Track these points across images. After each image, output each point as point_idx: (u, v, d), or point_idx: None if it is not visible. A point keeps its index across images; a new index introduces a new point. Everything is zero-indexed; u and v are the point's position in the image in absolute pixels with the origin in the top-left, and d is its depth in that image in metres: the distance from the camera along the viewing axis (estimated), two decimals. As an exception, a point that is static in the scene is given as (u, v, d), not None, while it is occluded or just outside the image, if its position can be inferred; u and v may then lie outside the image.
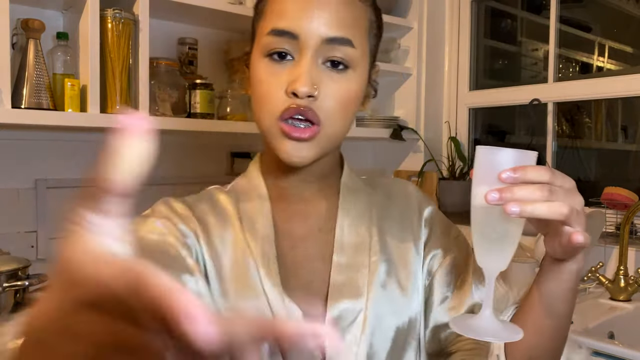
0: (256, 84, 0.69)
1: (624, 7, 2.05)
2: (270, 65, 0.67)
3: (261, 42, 0.68)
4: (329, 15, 0.65)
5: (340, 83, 0.67)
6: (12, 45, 1.40)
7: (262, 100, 0.68)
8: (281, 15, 0.66)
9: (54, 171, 1.67)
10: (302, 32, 0.65)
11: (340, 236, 0.75)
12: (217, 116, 1.76)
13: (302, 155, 0.68)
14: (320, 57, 0.66)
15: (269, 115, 0.68)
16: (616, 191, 1.75)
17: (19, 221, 1.61)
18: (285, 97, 0.66)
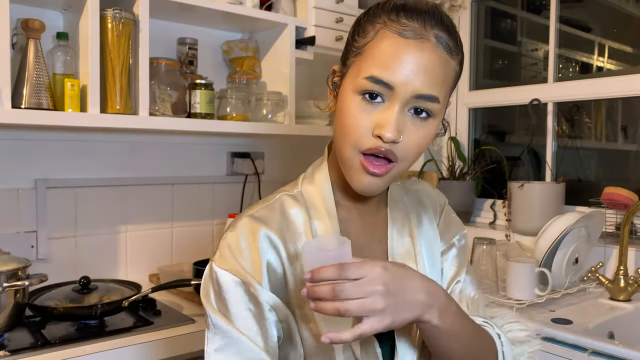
0: (345, 116, 0.75)
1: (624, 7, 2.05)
2: (362, 104, 0.73)
3: (357, 82, 0.74)
4: (424, 76, 0.71)
5: (422, 130, 0.74)
6: (12, 45, 1.40)
7: (349, 133, 0.74)
8: (383, 66, 0.72)
9: (54, 171, 1.67)
10: (398, 86, 0.71)
11: (391, 246, 0.84)
12: (217, 116, 1.76)
13: (372, 189, 0.77)
14: (407, 107, 0.73)
15: (352, 148, 0.74)
16: (616, 191, 1.75)
17: (19, 221, 1.61)
18: (370, 136, 0.73)
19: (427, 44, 0.72)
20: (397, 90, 0.71)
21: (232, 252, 0.76)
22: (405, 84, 0.71)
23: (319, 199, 0.83)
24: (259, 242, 0.77)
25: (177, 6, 1.62)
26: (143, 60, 1.51)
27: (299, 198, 0.83)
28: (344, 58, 0.79)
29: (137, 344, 1.31)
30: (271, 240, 0.77)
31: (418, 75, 0.71)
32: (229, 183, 2.06)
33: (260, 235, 0.77)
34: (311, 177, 0.86)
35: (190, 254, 1.94)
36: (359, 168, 0.75)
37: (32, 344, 1.26)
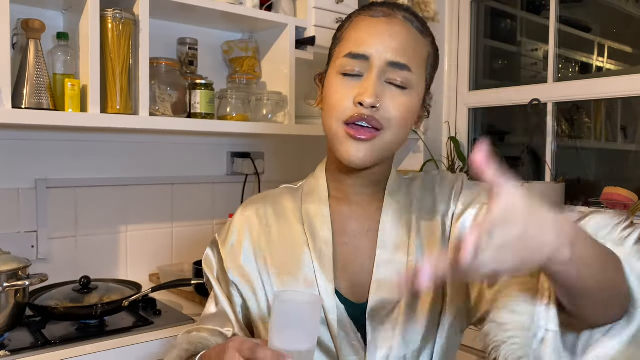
0: (329, 95, 0.82)
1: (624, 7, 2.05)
2: (343, 80, 0.80)
3: (337, 63, 0.82)
4: (395, 45, 0.79)
5: (400, 97, 0.80)
6: (12, 46, 1.40)
7: (333, 108, 0.81)
8: (358, 42, 0.80)
9: (54, 171, 1.68)
10: (372, 55, 0.79)
11: (382, 235, 0.86)
12: (217, 116, 1.76)
13: (360, 156, 0.79)
14: (383, 77, 0.79)
15: (336, 120, 0.80)
16: (616, 191, 1.75)
17: (19, 221, 1.62)
18: (352, 106, 0.79)
19: (396, 20, 0.81)
20: (371, 60, 0.79)
21: (226, 227, 0.95)
22: (378, 52, 0.78)
23: (315, 187, 0.92)
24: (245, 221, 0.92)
25: (177, 6, 1.62)
26: (143, 61, 1.51)
27: (296, 191, 0.95)
28: (328, 58, 0.88)
29: (137, 343, 1.31)
30: (255, 219, 0.92)
31: (390, 43, 0.79)
32: (229, 183, 2.06)
33: (248, 213, 0.93)
34: (313, 172, 0.96)
35: (190, 254, 1.94)
36: (344, 137, 0.79)
37: (33, 343, 1.26)
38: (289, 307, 0.68)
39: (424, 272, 0.52)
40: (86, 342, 1.27)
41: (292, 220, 0.90)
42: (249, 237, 0.91)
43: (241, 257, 0.90)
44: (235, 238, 0.91)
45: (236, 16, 1.74)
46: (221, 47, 1.95)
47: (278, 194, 0.95)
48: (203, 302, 1.56)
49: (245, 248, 0.90)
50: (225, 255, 0.91)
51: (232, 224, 0.94)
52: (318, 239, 0.86)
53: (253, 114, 1.81)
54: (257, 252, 0.89)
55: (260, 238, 0.90)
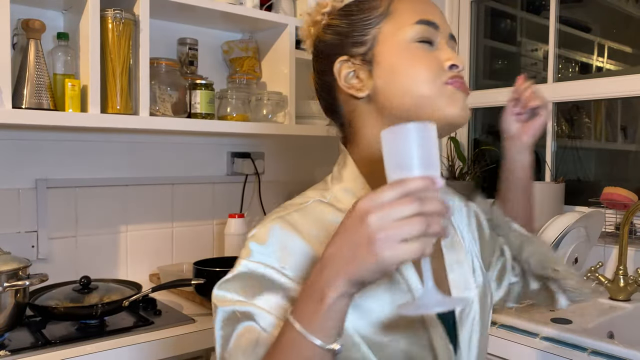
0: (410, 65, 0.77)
1: (624, 7, 2.05)
2: (423, 48, 0.78)
3: (408, 32, 0.77)
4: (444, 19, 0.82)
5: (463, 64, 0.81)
6: (12, 46, 1.40)
7: (425, 72, 0.76)
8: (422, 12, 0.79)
9: (54, 171, 1.68)
10: (440, 24, 0.79)
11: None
12: (217, 116, 1.76)
13: (467, 113, 0.80)
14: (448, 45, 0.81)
15: (434, 81, 0.76)
16: (616, 191, 1.75)
17: (19, 221, 1.62)
18: (443, 72, 0.77)
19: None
20: (440, 29, 0.79)
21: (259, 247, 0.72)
22: (443, 24, 0.80)
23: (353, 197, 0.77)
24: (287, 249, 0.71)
25: (177, 6, 1.62)
26: (143, 61, 1.51)
27: (333, 204, 0.77)
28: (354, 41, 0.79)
29: (137, 343, 1.31)
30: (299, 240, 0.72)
31: (444, 18, 0.82)
32: (229, 183, 2.06)
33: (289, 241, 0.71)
34: (339, 178, 0.80)
35: (190, 254, 1.94)
36: (453, 92, 0.77)
37: (33, 343, 1.26)
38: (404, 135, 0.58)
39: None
40: (86, 342, 1.27)
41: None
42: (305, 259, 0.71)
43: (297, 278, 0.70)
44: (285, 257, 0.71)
45: (236, 16, 1.74)
46: (221, 47, 1.95)
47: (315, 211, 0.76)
48: (203, 302, 1.56)
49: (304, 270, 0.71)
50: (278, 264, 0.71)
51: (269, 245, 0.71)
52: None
53: (253, 114, 1.81)
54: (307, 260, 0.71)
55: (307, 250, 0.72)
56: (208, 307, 1.54)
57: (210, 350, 1.40)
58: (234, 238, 1.85)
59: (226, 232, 1.87)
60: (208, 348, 1.39)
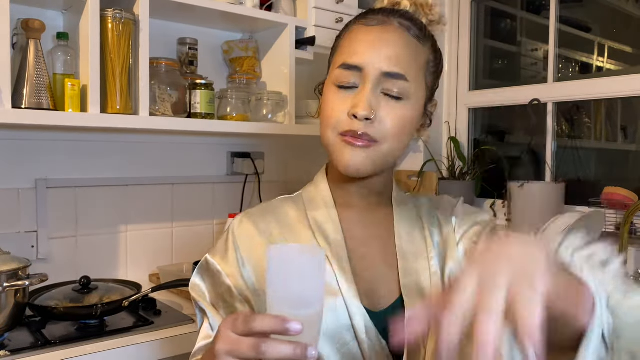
0: (325, 107, 0.81)
1: (624, 7, 2.05)
2: (338, 93, 0.79)
3: (333, 74, 0.81)
4: (389, 54, 0.77)
5: (396, 109, 0.78)
6: (12, 46, 1.40)
7: (328, 119, 0.80)
8: (352, 52, 0.79)
9: (54, 171, 1.68)
10: (366, 66, 0.77)
11: (400, 243, 0.85)
12: (217, 116, 1.76)
13: (358, 162, 0.78)
14: (379, 88, 0.77)
15: (333, 131, 0.80)
16: (616, 191, 1.75)
17: (19, 221, 1.62)
18: (347, 119, 0.78)
19: (390, 27, 0.79)
20: (365, 71, 0.77)
21: (221, 245, 0.86)
22: (372, 63, 0.76)
23: (316, 194, 0.88)
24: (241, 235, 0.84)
25: (177, 6, 1.62)
26: (143, 61, 1.51)
27: (296, 199, 0.90)
28: (328, 65, 0.87)
29: (137, 343, 1.31)
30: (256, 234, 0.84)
31: (383, 53, 0.77)
32: (229, 183, 2.06)
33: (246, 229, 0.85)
34: (312, 180, 0.93)
35: (190, 254, 1.94)
36: (340, 144, 0.79)
37: (33, 343, 1.26)
38: (288, 261, 0.56)
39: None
40: (86, 342, 1.27)
41: (298, 228, 0.85)
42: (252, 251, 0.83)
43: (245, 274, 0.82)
44: (238, 255, 0.83)
45: (236, 16, 1.74)
46: (221, 47, 1.95)
47: (277, 205, 0.89)
48: (203, 302, 1.56)
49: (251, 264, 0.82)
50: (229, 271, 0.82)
51: (228, 240, 0.85)
52: (333, 244, 0.82)
53: (253, 114, 1.81)
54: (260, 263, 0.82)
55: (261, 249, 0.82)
56: (208, 307, 1.54)
57: (210, 350, 1.40)
58: (234, 238, 1.85)
59: (226, 232, 1.87)
60: (208, 348, 1.39)
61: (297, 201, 0.89)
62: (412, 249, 0.85)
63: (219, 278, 0.83)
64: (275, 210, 0.88)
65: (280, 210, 0.88)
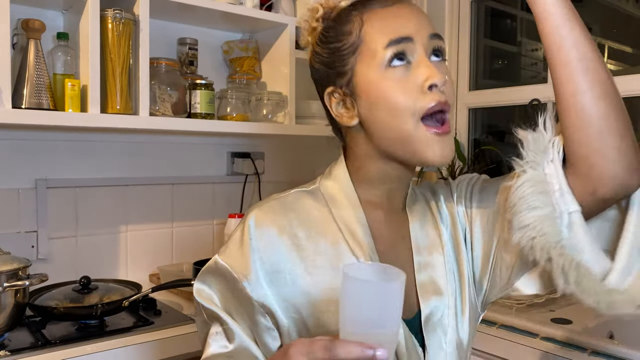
0: (386, 96, 0.73)
1: (624, 7, 2.05)
2: (396, 72, 0.73)
3: (378, 59, 0.73)
4: (423, 17, 0.75)
5: (446, 71, 0.75)
6: (12, 46, 1.40)
7: (403, 104, 0.72)
8: (391, 30, 0.73)
9: (54, 171, 1.68)
10: (414, 34, 0.73)
11: (415, 239, 0.82)
12: (217, 116, 1.76)
13: (449, 153, 0.73)
14: (428, 53, 0.74)
15: (411, 118, 0.72)
16: (616, 191, 1.75)
17: (19, 221, 1.62)
18: (422, 95, 0.71)
19: (409, 2, 0.77)
20: (415, 39, 0.73)
21: (236, 247, 0.76)
22: (418, 30, 0.73)
23: (339, 191, 0.81)
24: (262, 237, 0.75)
25: (177, 6, 1.62)
26: (143, 61, 1.51)
27: (315, 193, 0.82)
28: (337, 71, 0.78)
29: (137, 343, 1.31)
30: (278, 238, 0.76)
31: (420, 20, 0.75)
32: (229, 183, 2.06)
33: (266, 232, 0.76)
34: (329, 174, 0.84)
35: (190, 254, 1.94)
36: (429, 137, 0.72)
37: (33, 343, 1.26)
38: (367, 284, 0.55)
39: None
40: (86, 342, 1.27)
41: (324, 228, 0.78)
42: (273, 254, 0.75)
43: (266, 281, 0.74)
44: (256, 257, 0.74)
45: (236, 16, 1.74)
46: (221, 47, 1.95)
47: (295, 200, 0.80)
48: (203, 302, 1.56)
49: (273, 269, 0.75)
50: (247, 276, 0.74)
51: (244, 240, 0.76)
52: (364, 246, 0.77)
53: (253, 114, 1.81)
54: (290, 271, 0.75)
55: (291, 255, 0.75)
56: (208, 307, 1.54)
57: (210, 350, 1.40)
58: (234, 238, 1.85)
59: (226, 232, 1.87)
60: (208, 348, 1.39)
61: (317, 196, 0.81)
62: (426, 243, 0.83)
63: (235, 284, 0.74)
64: (294, 206, 0.79)
65: (300, 207, 0.79)
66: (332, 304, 0.73)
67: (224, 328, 0.75)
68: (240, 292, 0.74)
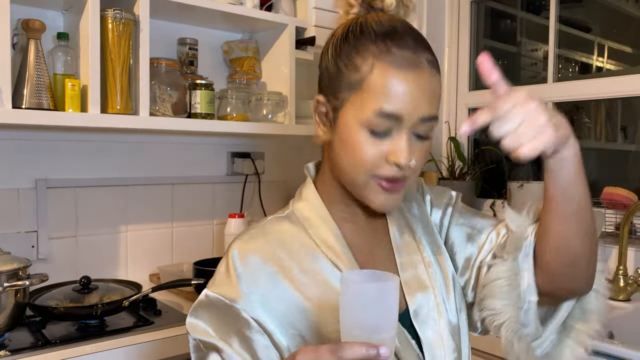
0: (354, 149, 0.76)
1: (624, 7, 2.05)
2: (371, 138, 0.75)
3: (364, 116, 0.74)
4: (427, 100, 0.75)
5: (424, 146, 0.78)
6: (12, 46, 1.40)
7: (361, 164, 0.76)
8: (388, 99, 0.73)
9: (54, 171, 1.68)
10: (405, 115, 0.74)
11: (394, 241, 0.87)
12: (217, 116, 1.76)
13: (393, 204, 0.79)
14: (412, 131, 0.76)
15: (366, 174, 0.76)
16: (615, 191, 1.75)
17: (19, 221, 1.62)
18: (385, 164, 0.75)
19: (422, 69, 0.75)
20: (405, 120, 0.74)
21: (222, 277, 0.78)
22: (412, 112, 0.74)
23: (311, 211, 0.85)
24: (247, 265, 0.78)
25: (177, 6, 1.62)
26: (143, 61, 1.51)
27: (290, 217, 0.85)
28: (333, 90, 0.79)
29: (137, 343, 1.31)
30: (263, 263, 0.78)
31: (422, 101, 0.74)
32: (229, 183, 2.06)
33: (251, 259, 0.78)
34: (299, 196, 0.88)
35: (190, 254, 1.94)
36: (375, 188, 0.77)
37: (33, 343, 1.26)
38: (364, 289, 0.58)
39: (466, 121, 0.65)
40: (86, 342, 1.28)
41: (304, 247, 0.81)
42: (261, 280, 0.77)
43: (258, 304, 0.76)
44: (244, 285, 0.77)
45: (236, 16, 1.74)
46: (221, 47, 1.95)
47: (273, 227, 0.84)
48: (203, 302, 1.56)
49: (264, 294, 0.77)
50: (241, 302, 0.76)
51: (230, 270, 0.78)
52: (342, 258, 0.80)
53: (253, 114, 1.81)
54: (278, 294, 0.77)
55: (277, 277, 0.78)
56: (208, 307, 1.54)
57: (210, 350, 1.40)
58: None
59: (226, 232, 1.87)
60: (208, 348, 1.39)
61: (292, 220, 0.84)
62: (404, 245, 0.87)
63: (229, 310, 0.76)
64: (272, 230, 0.83)
65: (278, 231, 0.83)
66: (326, 312, 0.76)
67: (222, 356, 0.74)
68: (237, 317, 0.75)
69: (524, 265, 0.82)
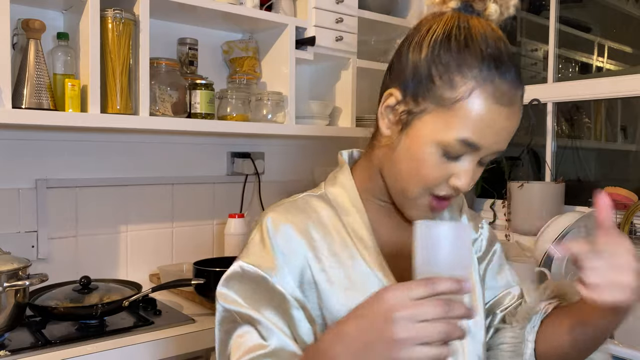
0: (421, 165, 0.75)
1: (624, 7, 2.05)
2: (442, 158, 0.74)
3: (444, 138, 0.72)
4: (509, 133, 0.74)
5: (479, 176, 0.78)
6: (12, 46, 1.40)
7: (424, 180, 0.75)
8: (477, 131, 0.72)
9: (54, 171, 1.68)
10: (486, 147, 0.73)
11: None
12: (217, 116, 1.76)
13: (425, 216, 0.78)
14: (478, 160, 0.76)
15: (424, 189, 0.76)
16: (615, 191, 1.75)
17: (19, 221, 1.62)
18: (445, 184, 0.75)
19: (515, 106, 0.73)
20: (482, 150, 0.73)
21: (257, 247, 0.77)
22: (492, 146, 0.73)
23: (345, 198, 0.83)
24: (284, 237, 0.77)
25: (177, 6, 1.62)
26: (143, 61, 1.51)
27: (324, 197, 0.84)
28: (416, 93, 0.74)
29: (137, 343, 1.31)
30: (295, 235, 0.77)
31: (505, 137, 0.74)
32: (229, 183, 2.06)
33: (284, 229, 0.77)
34: (333, 181, 0.86)
35: (190, 254, 1.94)
36: (426, 206, 0.78)
37: (33, 343, 1.26)
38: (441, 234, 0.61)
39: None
40: (86, 342, 1.28)
41: (335, 231, 0.80)
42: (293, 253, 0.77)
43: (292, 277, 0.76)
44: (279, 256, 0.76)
45: (236, 16, 1.74)
46: (221, 47, 1.95)
47: (306, 204, 0.82)
48: (203, 302, 1.56)
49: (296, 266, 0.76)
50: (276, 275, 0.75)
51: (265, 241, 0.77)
52: (370, 251, 0.79)
53: (253, 114, 1.81)
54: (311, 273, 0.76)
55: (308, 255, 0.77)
56: (208, 307, 1.54)
57: (210, 350, 1.40)
58: (234, 238, 1.85)
59: (226, 232, 1.87)
60: (208, 348, 1.39)
61: (328, 203, 0.83)
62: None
63: (265, 284, 0.74)
64: (305, 208, 0.81)
65: (311, 210, 0.81)
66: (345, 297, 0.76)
67: (258, 328, 0.72)
68: (273, 291, 0.74)
69: (529, 337, 0.86)
